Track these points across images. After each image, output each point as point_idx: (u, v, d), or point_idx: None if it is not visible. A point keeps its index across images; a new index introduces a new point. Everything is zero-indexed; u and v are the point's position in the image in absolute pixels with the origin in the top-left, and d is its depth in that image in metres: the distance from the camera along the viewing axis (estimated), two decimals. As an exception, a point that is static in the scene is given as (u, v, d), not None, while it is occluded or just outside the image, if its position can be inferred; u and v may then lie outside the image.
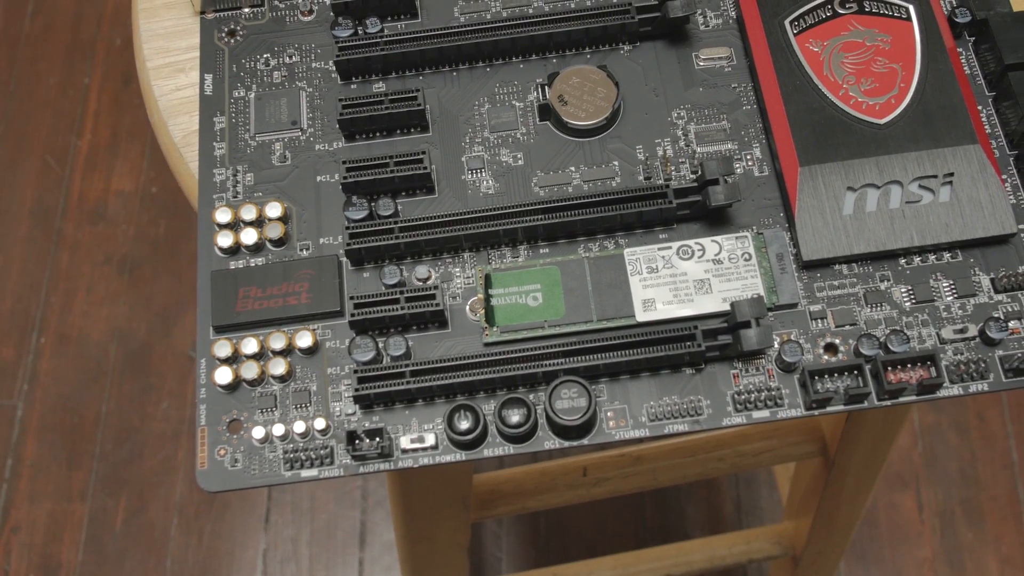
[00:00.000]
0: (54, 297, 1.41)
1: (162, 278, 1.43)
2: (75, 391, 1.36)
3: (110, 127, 1.50)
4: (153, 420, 1.35)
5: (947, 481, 1.28)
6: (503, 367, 0.51)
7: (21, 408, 1.35)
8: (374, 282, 0.55)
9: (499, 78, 0.60)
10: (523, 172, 0.57)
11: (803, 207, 0.54)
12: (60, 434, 1.34)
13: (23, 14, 1.58)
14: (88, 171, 1.48)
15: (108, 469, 1.32)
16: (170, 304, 1.41)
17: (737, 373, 0.52)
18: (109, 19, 1.57)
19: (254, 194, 0.57)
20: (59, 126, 1.51)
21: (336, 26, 0.59)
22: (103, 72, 1.54)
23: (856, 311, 0.53)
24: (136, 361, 1.38)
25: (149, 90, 0.62)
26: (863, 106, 0.55)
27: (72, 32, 1.57)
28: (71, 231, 1.45)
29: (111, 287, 1.42)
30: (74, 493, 1.31)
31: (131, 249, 1.44)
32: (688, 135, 0.57)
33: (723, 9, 0.61)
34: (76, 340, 1.39)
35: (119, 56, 1.54)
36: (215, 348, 0.53)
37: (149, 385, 1.37)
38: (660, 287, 0.53)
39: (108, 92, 1.52)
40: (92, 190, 1.47)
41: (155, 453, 1.33)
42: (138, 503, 1.31)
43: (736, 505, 1.30)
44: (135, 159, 1.49)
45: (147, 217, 1.46)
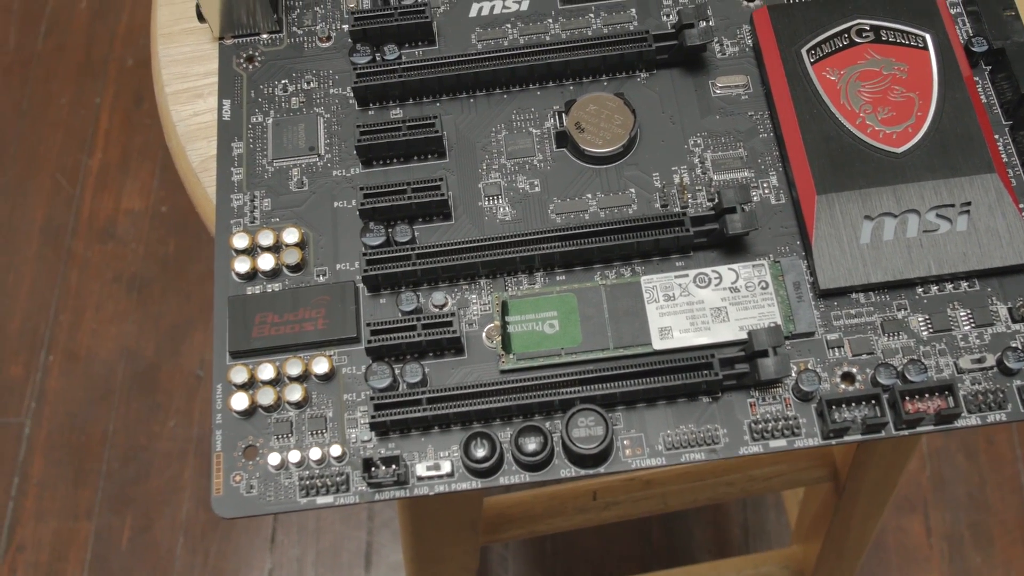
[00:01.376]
0: (63, 315, 1.41)
1: (171, 297, 1.43)
2: (83, 409, 1.36)
3: (121, 146, 1.51)
4: (160, 439, 1.35)
5: (955, 505, 1.27)
6: (520, 395, 0.51)
7: (28, 426, 1.35)
8: (391, 308, 0.55)
9: (516, 105, 0.60)
10: (540, 199, 0.57)
11: (820, 235, 0.54)
12: (67, 452, 1.34)
13: (36, 34, 1.58)
14: (98, 190, 1.48)
15: (114, 488, 1.32)
16: (179, 323, 1.41)
17: (754, 402, 0.52)
18: (121, 39, 1.58)
19: (271, 219, 0.57)
20: (70, 145, 1.51)
21: (354, 53, 0.60)
22: (115, 92, 1.54)
23: (873, 340, 0.53)
24: (144, 380, 1.38)
25: (167, 115, 0.62)
26: (880, 135, 0.55)
27: (84, 52, 1.57)
28: (81, 249, 1.45)
29: (120, 306, 1.42)
30: (80, 511, 1.31)
31: (140, 268, 1.44)
32: (705, 163, 0.58)
33: (740, 37, 0.61)
34: (84, 358, 1.39)
35: (131, 76, 1.55)
36: (231, 374, 0.53)
37: (156, 404, 1.37)
38: (677, 315, 0.53)
39: (119, 111, 1.53)
40: (102, 209, 1.48)
41: (162, 472, 1.33)
42: (144, 522, 1.30)
43: (743, 528, 1.29)
44: (145, 178, 1.49)
45: (157, 236, 1.46)
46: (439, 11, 0.62)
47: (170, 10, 0.64)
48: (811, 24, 0.58)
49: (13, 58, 1.56)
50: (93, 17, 1.59)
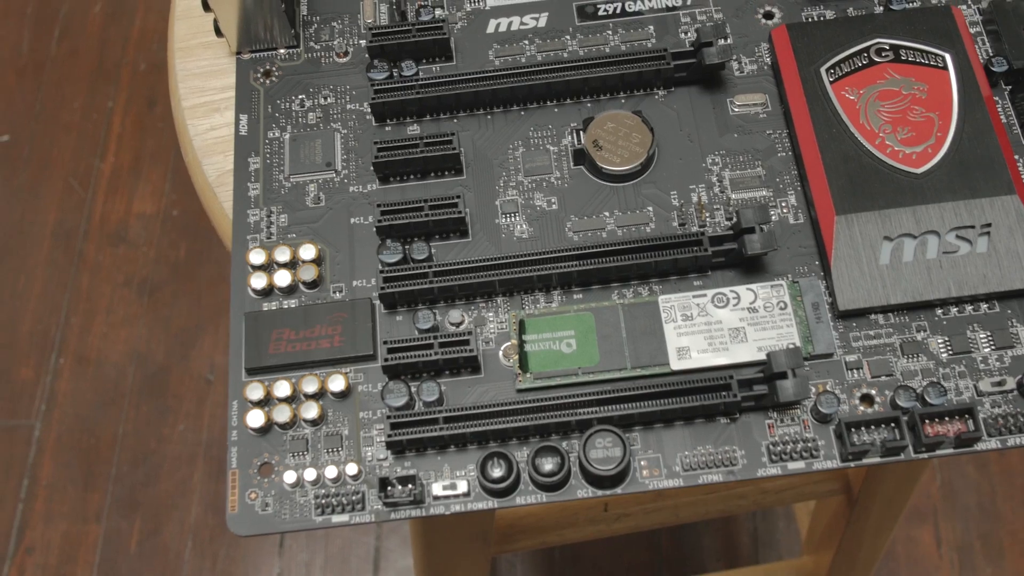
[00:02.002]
0: (74, 318, 1.41)
1: (181, 301, 1.43)
2: (92, 412, 1.36)
3: (133, 150, 1.51)
4: (169, 443, 1.35)
5: (966, 515, 1.27)
6: (537, 415, 0.51)
7: (39, 428, 1.35)
8: (407, 326, 0.55)
9: (533, 122, 0.60)
10: (557, 216, 0.57)
11: (839, 256, 0.53)
12: (77, 455, 1.34)
13: (50, 38, 1.59)
14: (110, 193, 1.49)
15: (124, 491, 1.32)
16: (189, 327, 1.41)
17: (772, 423, 0.52)
18: (134, 44, 1.58)
19: (288, 235, 0.57)
20: (83, 149, 1.51)
21: (371, 69, 0.59)
22: (127, 96, 1.54)
23: (892, 362, 0.53)
24: (154, 383, 1.38)
25: (184, 129, 0.62)
26: (900, 155, 0.55)
27: (97, 56, 1.57)
28: (92, 253, 1.45)
29: (130, 309, 1.42)
30: (89, 514, 1.31)
31: (151, 271, 1.44)
32: (723, 181, 0.57)
33: (758, 55, 0.61)
34: (95, 361, 1.39)
35: (143, 80, 1.55)
36: (247, 391, 0.53)
37: (166, 407, 1.37)
38: (695, 335, 0.53)
39: (132, 116, 1.53)
40: (114, 212, 1.48)
41: (171, 476, 1.33)
42: (153, 526, 1.31)
43: (753, 537, 1.29)
44: (157, 182, 1.49)
45: (168, 240, 1.46)
46: (456, 27, 0.62)
47: (187, 24, 0.64)
48: (830, 43, 0.58)
49: (27, 61, 1.57)
50: (107, 21, 1.60)
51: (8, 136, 1.52)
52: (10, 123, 1.53)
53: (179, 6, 0.65)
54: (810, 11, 0.61)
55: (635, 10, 0.62)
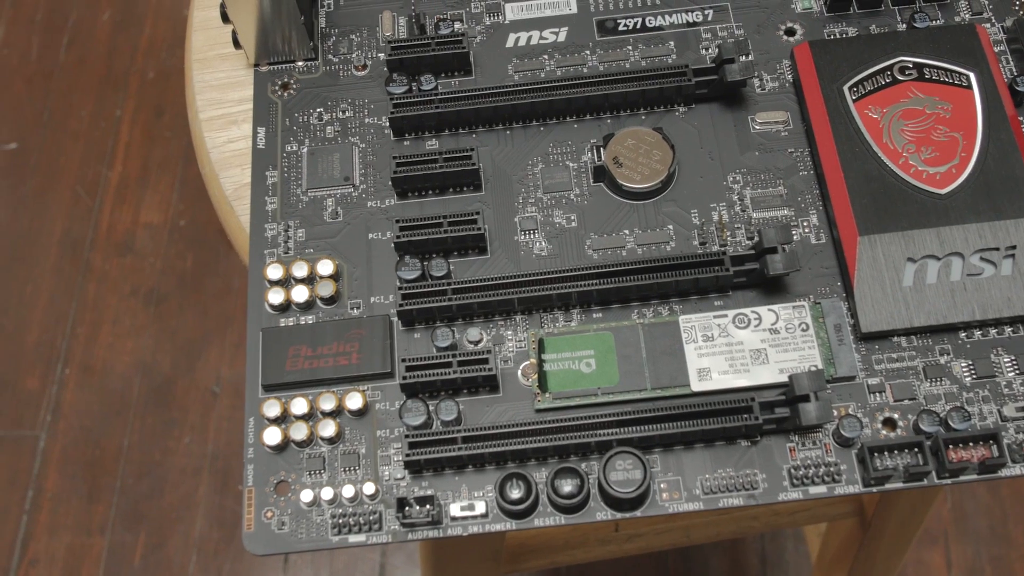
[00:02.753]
0: (80, 328, 1.41)
1: (188, 312, 1.42)
2: (98, 423, 1.36)
3: (141, 159, 1.51)
4: (175, 455, 1.34)
5: (976, 538, 1.26)
6: (556, 436, 0.50)
7: (44, 439, 1.35)
8: (425, 343, 0.54)
9: (553, 138, 0.59)
10: (576, 234, 0.56)
11: (862, 277, 0.53)
12: (81, 466, 1.33)
13: (58, 46, 1.58)
14: (117, 203, 1.48)
15: (128, 503, 1.31)
16: (195, 338, 1.40)
17: (794, 447, 0.51)
18: (143, 52, 1.58)
19: (305, 250, 0.57)
20: (90, 157, 1.51)
21: (390, 82, 0.59)
22: (135, 104, 1.54)
23: (915, 385, 0.52)
24: (159, 395, 1.37)
25: (201, 142, 0.61)
26: (923, 175, 0.54)
27: (106, 64, 1.57)
28: (99, 262, 1.45)
29: (137, 320, 1.42)
30: (94, 527, 1.30)
31: (158, 282, 1.44)
32: (744, 200, 0.57)
33: (779, 72, 0.60)
34: (100, 372, 1.39)
35: (152, 89, 1.55)
36: (264, 408, 0.53)
37: (172, 419, 1.36)
38: (716, 356, 0.53)
39: (140, 124, 1.53)
40: (121, 222, 1.47)
41: (176, 488, 1.32)
42: (157, 539, 1.30)
43: (761, 558, 1.28)
44: (164, 191, 1.49)
45: (175, 250, 1.46)
46: (476, 41, 0.62)
47: (205, 35, 0.64)
48: (853, 61, 0.58)
49: (35, 69, 1.56)
50: (115, 29, 1.59)
51: (16, 144, 1.52)
52: (18, 131, 1.53)
53: (197, 17, 0.65)
54: (832, 28, 0.61)
55: (655, 25, 0.62)
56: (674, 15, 0.62)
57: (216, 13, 0.61)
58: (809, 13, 0.61)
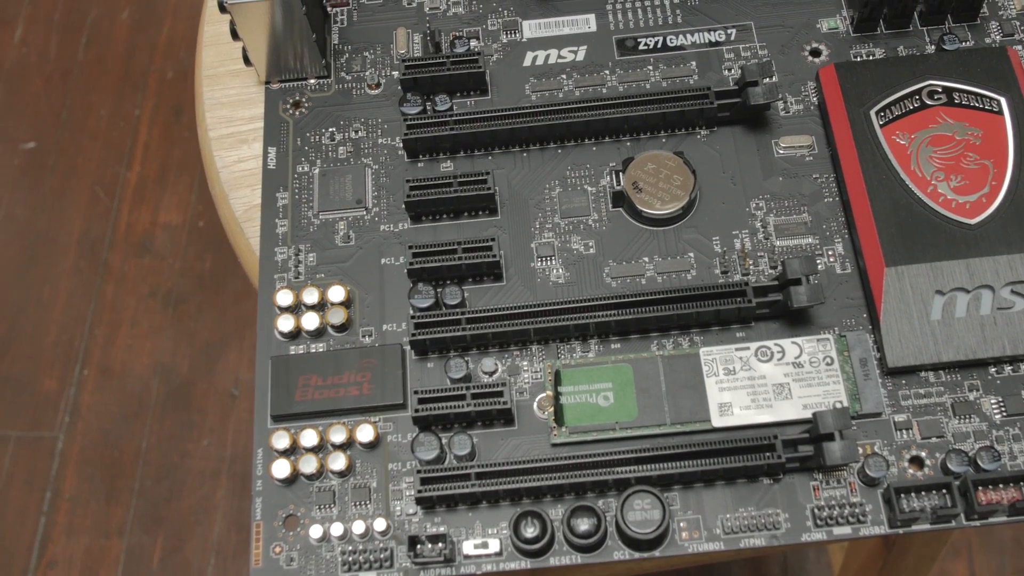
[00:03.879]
0: (98, 329, 1.40)
1: (206, 313, 1.41)
2: (116, 425, 1.35)
3: (159, 159, 1.50)
4: (193, 457, 1.34)
5: (1001, 549, 1.24)
6: (572, 473, 0.49)
7: (62, 441, 1.34)
8: (438, 373, 0.53)
9: (571, 160, 0.58)
10: (594, 261, 0.55)
11: (888, 310, 0.51)
12: (100, 468, 1.32)
13: (77, 44, 1.58)
14: (136, 203, 1.47)
15: (146, 506, 1.31)
16: (213, 340, 1.40)
17: (817, 485, 0.50)
18: (162, 51, 1.57)
19: (316, 275, 0.55)
20: (109, 157, 1.50)
21: (404, 102, 0.58)
22: (154, 104, 1.53)
23: (943, 422, 0.51)
24: (178, 397, 1.37)
25: (211, 161, 0.60)
26: (952, 204, 0.53)
27: (125, 64, 1.56)
28: (117, 263, 1.44)
29: (155, 321, 1.41)
30: (112, 529, 1.30)
31: (176, 283, 1.43)
32: (767, 227, 0.55)
33: (804, 94, 0.58)
34: (119, 373, 1.38)
35: (171, 88, 1.54)
36: (273, 439, 0.51)
37: (191, 422, 1.35)
38: (737, 390, 0.51)
39: (159, 124, 1.52)
40: (139, 222, 1.47)
41: (194, 491, 1.32)
42: (176, 542, 1.29)
43: (783, 569, 1.26)
44: (183, 192, 1.48)
45: (193, 251, 1.45)
46: (492, 59, 0.60)
47: (215, 51, 0.63)
48: (880, 84, 0.56)
49: (54, 68, 1.56)
50: (134, 28, 1.58)
51: (34, 143, 1.51)
52: (36, 130, 1.52)
53: (207, 32, 0.63)
54: (859, 49, 0.59)
55: (676, 45, 0.60)
56: (696, 34, 0.60)
57: (226, 29, 0.60)
58: (835, 33, 0.60)
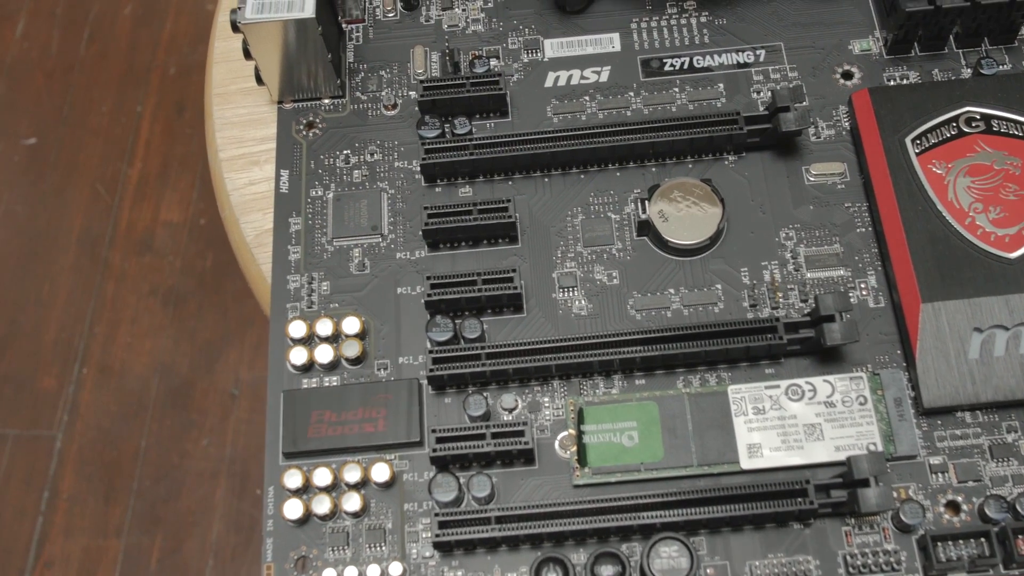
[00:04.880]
0: (98, 327, 1.38)
1: (207, 313, 1.39)
2: (115, 424, 1.33)
3: (161, 156, 1.48)
4: (192, 458, 1.32)
5: None
6: (596, 517, 0.47)
7: (60, 440, 1.33)
8: (456, 408, 0.51)
9: (594, 186, 0.56)
10: (618, 292, 0.53)
11: (924, 348, 0.49)
12: (98, 468, 1.31)
13: (79, 40, 1.55)
14: (137, 200, 1.45)
15: (145, 506, 1.29)
16: (214, 339, 1.38)
17: (850, 531, 0.48)
18: (164, 47, 1.55)
19: (330, 304, 0.54)
20: (110, 154, 1.48)
21: (422, 125, 0.56)
22: (156, 100, 1.51)
23: (981, 465, 0.49)
24: (178, 396, 1.35)
25: (221, 183, 0.58)
26: (991, 237, 0.51)
27: (127, 59, 1.54)
28: (118, 261, 1.42)
29: (155, 320, 1.39)
30: (110, 529, 1.28)
31: (177, 282, 1.41)
32: (797, 258, 0.53)
33: (836, 119, 0.56)
34: (118, 372, 1.36)
35: (173, 85, 1.51)
36: (285, 478, 0.49)
37: (190, 421, 1.34)
38: (767, 431, 0.49)
39: (161, 121, 1.50)
40: (141, 220, 1.45)
41: (193, 492, 1.30)
42: (174, 543, 1.28)
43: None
44: (185, 189, 1.46)
45: (195, 249, 1.43)
46: (512, 79, 0.58)
47: (225, 68, 0.61)
48: (916, 110, 0.54)
49: (55, 63, 1.53)
50: (136, 24, 1.56)
51: (35, 139, 1.49)
52: (37, 126, 1.50)
53: (217, 48, 0.61)
54: (892, 71, 0.57)
55: (703, 66, 0.58)
56: (724, 55, 0.58)
57: (237, 45, 0.58)
58: (867, 55, 0.58)
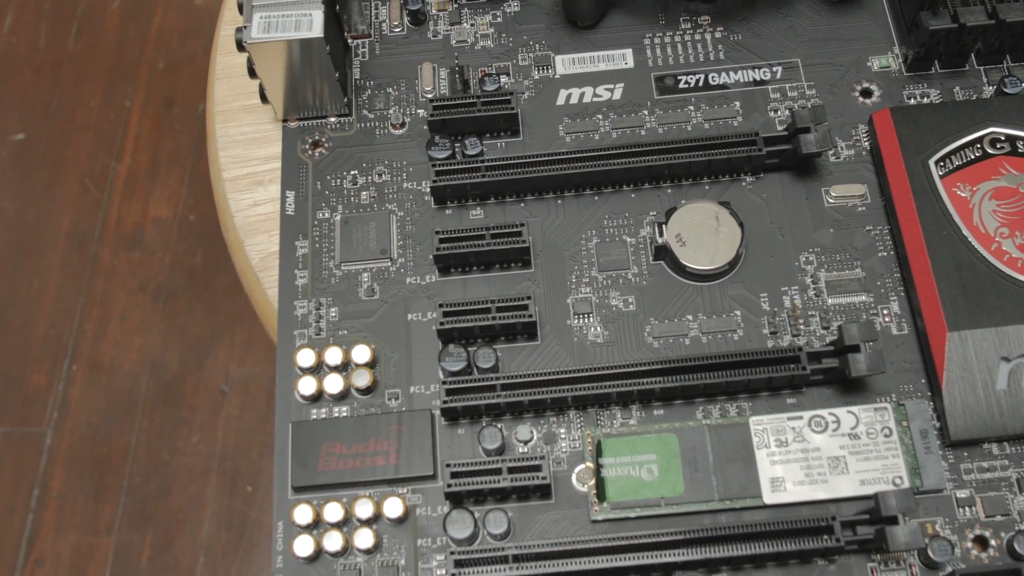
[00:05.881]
0: (87, 324, 1.36)
1: (197, 309, 1.38)
2: (105, 421, 1.32)
3: (150, 151, 1.45)
4: (183, 455, 1.31)
5: None
6: (615, 556, 0.46)
7: (50, 436, 1.31)
8: (469, 440, 0.50)
9: (608, 208, 0.54)
10: (635, 319, 0.52)
11: (951, 379, 0.48)
12: (88, 465, 1.29)
13: (67, 34, 1.53)
14: (126, 196, 1.43)
15: (135, 503, 1.28)
16: (204, 336, 1.36)
17: (875, 567, 0.47)
18: (153, 41, 1.52)
19: (339, 331, 0.52)
20: (99, 149, 1.46)
21: (432, 146, 0.54)
22: (145, 95, 1.49)
23: (1009, 499, 0.48)
24: (168, 393, 1.33)
25: (224, 204, 0.56)
26: (1018, 263, 0.50)
27: (115, 54, 1.52)
28: (107, 257, 1.40)
29: (145, 316, 1.37)
30: (100, 527, 1.27)
31: (167, 278, 1.39)
32: (818, 283, 0.52)
33: (855, 138, 0.55)
34: (108, 369, 1.34)
35: (162, 79, 1.49)
36: (295, 513, 0.48)
37: (180, 418, 1.32)
38: (790, 464, 0.48)
39: (149, 115, 1.47)
40: (130, 215, 1.43)
41: (183, 489, 1.29)
42: (164, 540, 1.26)
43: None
44: (174, 185, 1.44)
45: (184, 245, 1.41)
46: (524, 97, 0.57)
47: (228, 84, 0.59)
48: (939, 131, 0.53)
49: (43, 58, 1.51)
50: (125, 18, 1.54)
51: (23, 134, 1.47)
52: (25, 121, 1.47)
53: (220, 64, 0.60)
54: (912, 89, 0.56)
55: (719, 83, 0.57)
56: (740, 72, 0.57)
57: (240, 60, 0.56)
58: (887, 72, 0.56)
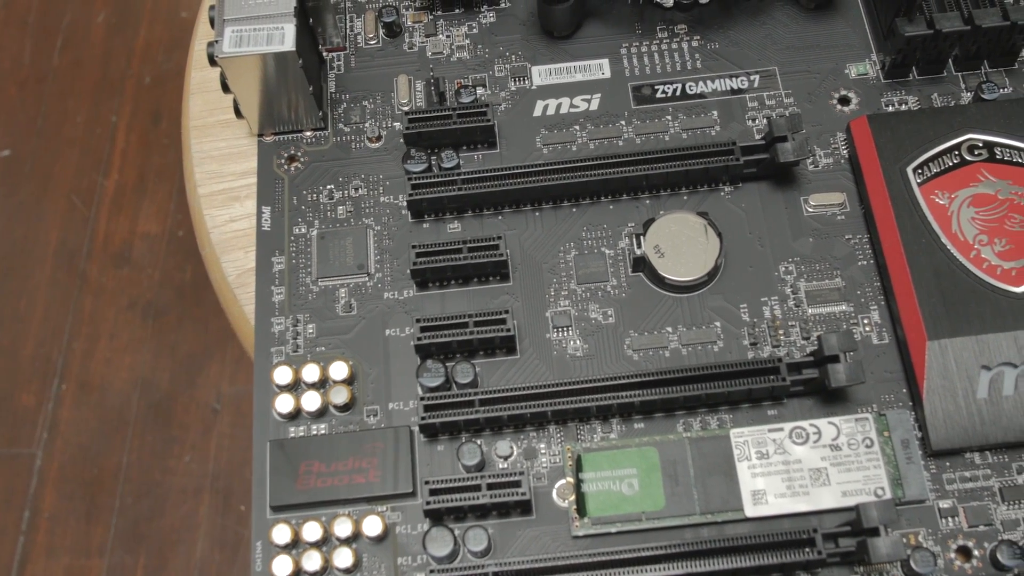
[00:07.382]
0: (76, 343, 1.36)
1: (187, 326, 1.37)
2: (95, 441, 1.31)
3: (137, 167, 1.45)
4: (175, 474, 1.30)
5: None
6: (597, 572, 0.45)
7: (40, 458, 1.30)
8: (449, 456, 0.49)
9: (587, 220, 0.54)
10: (614, 331, 0.51)
11: (931, 388, 0.48)
12: (79, 486, 1.29)
13: (52, 49, 1.52)
14: (114, 212, 1.43)
15: (127, 524, 1.27)
16: (195, 353, 1.36)
17: (858, 580, 0.47)
18: (139, 56, 1.52)
19: (316, 348, 0.52)
20: (86, 165, 1.45)
21: (408, 159, 0.54)
22: (131, 110, 1.48)
23: (991, 508, 0.47)
24: (159, 412, 1.33)
25: (200, 220, 0.56)
26: (997, 271, 0.49)
27: (101, 68, 1.51)
28: (95, 274, 1.40)
29: (135, 334, 1.37)
30: (92, 548, 1.26)
31: (156, 295, 1.39)
32: (798, 293, 0.52)
33: (834, 146, 0.55)
34: (98, 388, 1.34)
35: (148, 94, 1.49)
36: (273, 533, 0.48)
37: (172, 437, 1.32)
38: (771, 476, 0.48)
39: (136, 130, 1.47)
40: (118, 232, 1.42)
41: (176, 509, 1.28)
42: (157, 561, 1.26)
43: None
44: (162, 200, 1.44)
45: (173, 262, 1.41)
46: (500, 108, 0.57)
47: (202, 99, 0.58)
48: (917, 138, 0.52)
49: (28, 73, 1.51)
50: (110, 32, 1.53)
51: (9, 151, 1.46)
52: (11, 137, 1.47)
53: (194, 78, 0.59)
54: (890, 96, 0.56)
55: (696, 92, 0.56)
56: (717, 81, 0.56)
57: (214, 75, 0.56)
58: (864, 80, 0.56)
